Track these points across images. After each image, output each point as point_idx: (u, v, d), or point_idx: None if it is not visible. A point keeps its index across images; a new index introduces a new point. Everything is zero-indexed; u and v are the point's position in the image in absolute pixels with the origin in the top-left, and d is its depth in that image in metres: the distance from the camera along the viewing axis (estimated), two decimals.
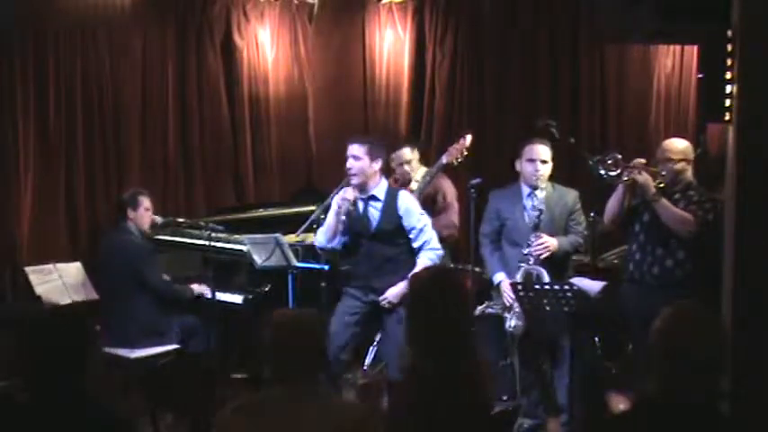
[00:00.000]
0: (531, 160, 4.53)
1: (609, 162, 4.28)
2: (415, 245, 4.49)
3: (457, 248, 5.49)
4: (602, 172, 4.27)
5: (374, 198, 4.50)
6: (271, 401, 2.47)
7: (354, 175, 4.43)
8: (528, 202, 4.53)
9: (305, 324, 2.53)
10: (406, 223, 4.48)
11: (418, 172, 5.30)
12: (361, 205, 4.50)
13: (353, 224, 4.51)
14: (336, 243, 4.55)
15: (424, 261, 4.43)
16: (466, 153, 4.92)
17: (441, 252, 4.56)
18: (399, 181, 5.27)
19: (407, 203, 4.52)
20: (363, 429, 2.46)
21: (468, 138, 4.95)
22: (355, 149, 4.42)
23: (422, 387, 2.79)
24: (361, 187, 4.47)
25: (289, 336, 2.49)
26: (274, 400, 2.46)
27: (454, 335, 2.83)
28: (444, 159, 5.01)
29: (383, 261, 4.48)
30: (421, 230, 4.49)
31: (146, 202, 5.14)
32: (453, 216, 5.28)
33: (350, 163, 4.43)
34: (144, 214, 5.12)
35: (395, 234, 4.49)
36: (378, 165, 4.48)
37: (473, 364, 2.85)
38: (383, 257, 4.48)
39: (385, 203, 4.49)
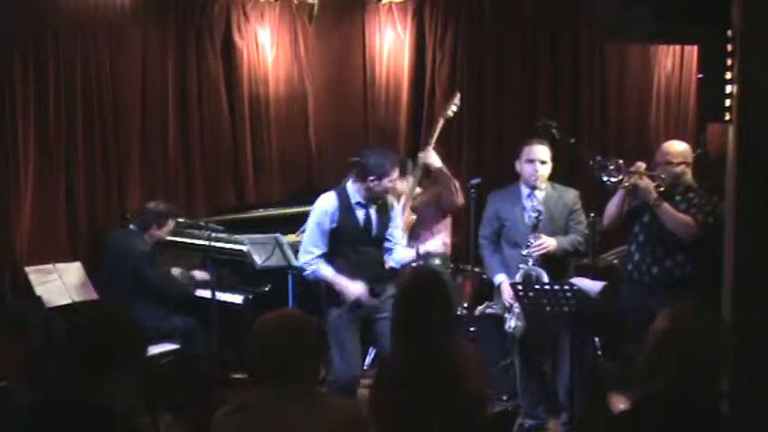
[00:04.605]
0: (531, 161, 4.52)
1: (611, 167, 4.29)
2: (394, 239, 4.63)
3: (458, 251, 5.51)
4: (605, 178, 4.28)
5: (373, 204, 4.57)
6: (264, 403, 2.46)
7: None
8: (527, 203, 4.53)
9: (294, 325, 2.52)
10: (395, 222, 4.63)
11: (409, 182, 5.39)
12: (362, 213, 4.50)
13: (351, 233, 4.48)
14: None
15: (405, 252, 4.63)
16: (456, 108, 5.38)
17: None
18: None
19: (393, 202, 4.75)
20: (353, 428, 2.47)
21: (458, 96, 5.45)
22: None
23: (408, 383, 2.82)
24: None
25: (277, 337, 2.48)
26: (267, 402, 2.45)
27: (440, 332, 2.87)
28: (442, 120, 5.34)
29: (381, 265, 4.55)
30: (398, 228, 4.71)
31: (172, 225, 5.21)
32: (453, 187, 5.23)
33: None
34: (164, 235, 5.20)
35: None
36: None
37: (459, 361, 2.88)
38: (381, 262, 4.56)
39: (379, 207, 4.55)
